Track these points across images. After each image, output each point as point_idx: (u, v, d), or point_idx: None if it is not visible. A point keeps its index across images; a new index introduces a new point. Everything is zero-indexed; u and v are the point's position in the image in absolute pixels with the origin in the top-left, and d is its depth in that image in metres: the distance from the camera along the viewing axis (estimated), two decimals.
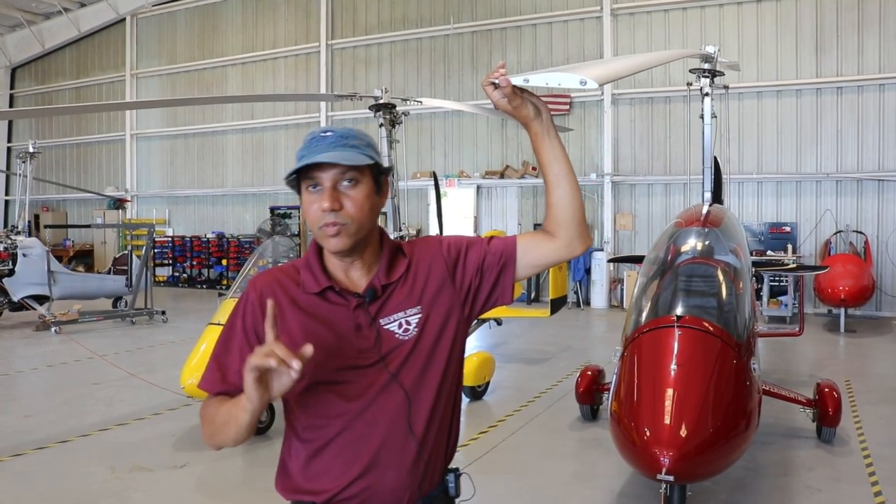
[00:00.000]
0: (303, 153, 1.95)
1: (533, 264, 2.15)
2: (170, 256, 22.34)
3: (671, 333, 4.61)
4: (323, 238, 1.96)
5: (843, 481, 5.73)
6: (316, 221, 1.94)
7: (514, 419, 7.50)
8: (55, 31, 25.23)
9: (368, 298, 2.00)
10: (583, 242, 2.14)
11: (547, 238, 2.12)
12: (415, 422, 2.00)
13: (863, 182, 14.95)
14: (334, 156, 1.90)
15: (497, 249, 2.13)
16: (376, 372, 1.97)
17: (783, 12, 15.45)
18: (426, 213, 18.55)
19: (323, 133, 1.97)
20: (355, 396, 1.96)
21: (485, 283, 2.12)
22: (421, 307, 2.04)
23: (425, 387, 2.02)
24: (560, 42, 17.67)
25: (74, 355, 10.79)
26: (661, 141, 16.67)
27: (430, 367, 2.03)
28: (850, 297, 12.23)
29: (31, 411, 7.96)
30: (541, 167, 2.11)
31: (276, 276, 2.09)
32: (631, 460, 4.24)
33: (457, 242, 2.16)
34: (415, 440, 1.99)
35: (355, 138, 1.97)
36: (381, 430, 1.97)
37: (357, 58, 20.28)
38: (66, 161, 25.86)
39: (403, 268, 2.06)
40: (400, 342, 2.00)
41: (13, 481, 5.84)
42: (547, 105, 2.08)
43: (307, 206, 1.96)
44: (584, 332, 13.79)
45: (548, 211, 2.13)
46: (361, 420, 1.96)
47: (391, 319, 2.01)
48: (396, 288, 2.04)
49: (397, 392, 1.98)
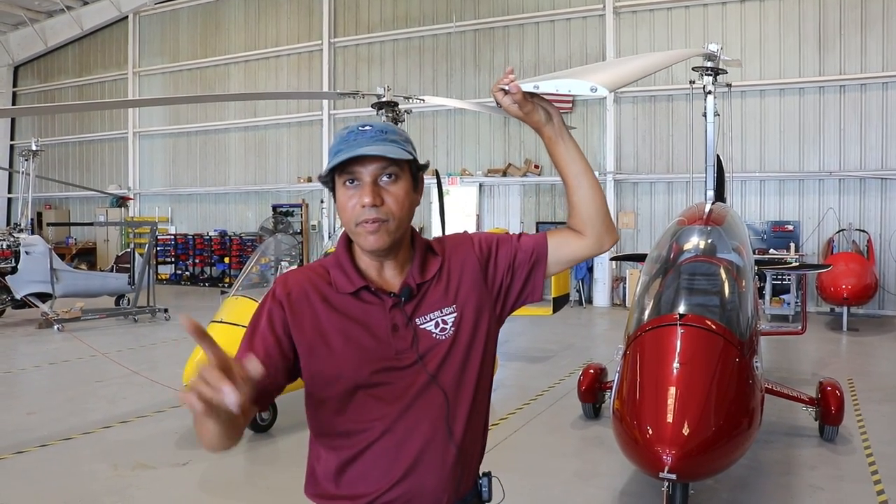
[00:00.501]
0: (339, 147, 1.88)
1: (563, 261, 2.13)
2: (172, 254, 22.37)
3: (674, 332, 4.61)
4: (361, 235, 1.88)
5: (846, 480, 5.72)
6: (353, 218, 1.87)
7: (516, 417, 7.50)
8: (58, 29, 25.25)
9: (405, 298, 1.94)
10: (611, 237, 2.14)
11: (576, 236, 2.11)
12: (454, 423, 1.95)
13: (866, 180, 14.93)
14: (377, 149, 1.83)
15: (528, 247, 2.10)
16: (415, 373, 1.92)
17: (786, 10, 15.42)
18: (428, 212, 18.52)
19: (361, 127, 1.91)
20: (395, 399, 1.90)
21: (516, 281, 2.09)
22: (456, 306, 1.99)
23: (463, 387, 1.98)
24: (563, 40, 17.65)
25: (77, 353, 10.80)
26: (664, 139, 16.65)
27: (467, 367, 1.99)
28: (852, 296, 12.21)
29: (33, 409, 7.97)
30: (559, 169, 2.09)
31: (307, 274, 2.02)
32: (633, 458, 4.24)
33: (487, 239, 2.12)
34: (454, 442, 1.95)
35: (395, 133, 1.92)
36: (421, 433, 1.91)
37: (359, 56, 20.27)
38: (68, 159, 25.88)
39: (437, 266, 2.01)
40: (437, 342, 1.95)
41: (16, 479, 5.84)
42: (558, 109, 2.06)
43: (344, 202, 1.89)
44: (586, 331, 13.78)
45: (571, 211, 2.10)
46: (402, 423, 1.90)
47: (427, 319, 1.96)
48: (431, 287, 1.99)
49: (437, 393, 1.93)
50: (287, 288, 1.97)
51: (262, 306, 1.99)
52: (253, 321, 1.99)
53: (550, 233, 2.14)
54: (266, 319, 1.95)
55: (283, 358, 1.92)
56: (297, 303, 1.95)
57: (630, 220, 17.01)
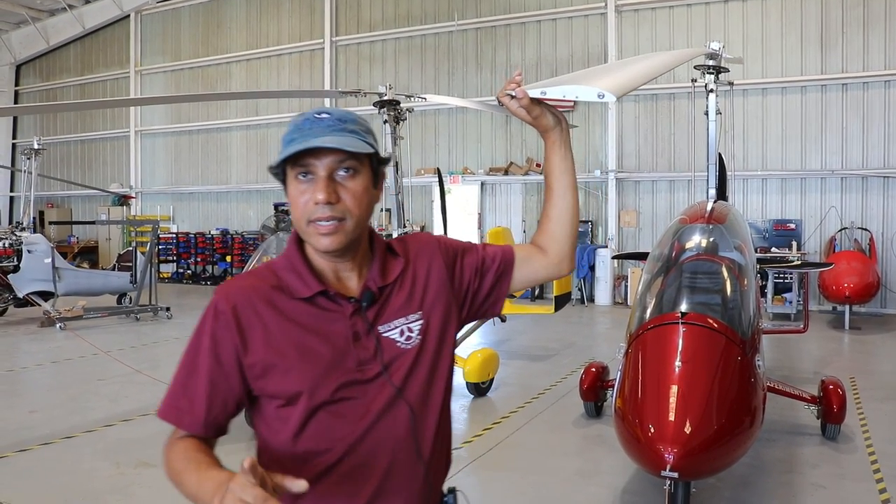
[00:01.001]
0: (293, 136, 1.71)
1: (525, 278, 2.03)
2: (174, 253, 22.39)
3: (675, 330, 4.60)
4: (313, 235, 1.71)
5: (848, 478, 5.71)
6: (305, 215, 1.70)
7: (517, 416, 7.50)
8: (60, 27, 25.27)
9: (366, 303, 1.78)
10: (571, 264, 2.06)
11: (539, 252, 2.04)
12: (421, 440, 1.80)
13: (868, 179, 14.91)
14: (334, 140, 1.66)
15: (494, 255, 2.00)
16: (379, 386, 1.75)
17: (788, 8, 15.40)
18: (430, 210, 18.55)
19: (318, 114, 1.73)
20: (358, 416, 1.73)
21: (484, 285, 1.97)
22: (422, 312, 1.84)
23: (431, 401, 1.83)
24: (564, 39, 17.64)
25: (79, 351, 10.82)
26: (666, 137, 16.64)
27: (434, 379, 1.84)
28: (854, 294, 12.19)
29: (35, 407, 7.99)
30: (549, 177, 2.02)
31: (250, 281, 1.81)
32: (635, 457, 4.24)
33: (453, 243, 2.00)
34: (422, 460, 1.80)
35: (355, 122, 1.75)
36: (387, 453, 1.75)
37: (361, 54, 20.27)
38: (70, 157, 25.90)
39: (399, 268, 1.86)
40: (402, 351, 1.79)
41: (18, 477, 5.85)
42: (564, 116, 2.01)
43: (295, 197, 1.73)
44: (588, 329, 13.78)
45: (545, 224, 2.04)
46: (366, 443, 1.74)
47: (391, 326, 1.80)
48: (394, 291, 1.83)
49: (403, 408, 1.77)
50: (230, 300, 1.75)
51: (202, 327, 1.77)
52: (192, 348, 1.77)
53: (517, 247, 2.05)
54: (208, 346, 1.74)
55: (232, 389, 1.75)
56: (245, 317, 1.74)
57: (632, 219, 17.00)
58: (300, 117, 1.76)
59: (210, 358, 1.74)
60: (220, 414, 1.76)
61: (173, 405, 1.78)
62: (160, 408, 1.80)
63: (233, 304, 1.75)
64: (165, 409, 1.79)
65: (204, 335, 1.75)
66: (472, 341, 10.22)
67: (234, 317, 1.73)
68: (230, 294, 1.77)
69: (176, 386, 1.78)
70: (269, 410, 1.76)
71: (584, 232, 17.31)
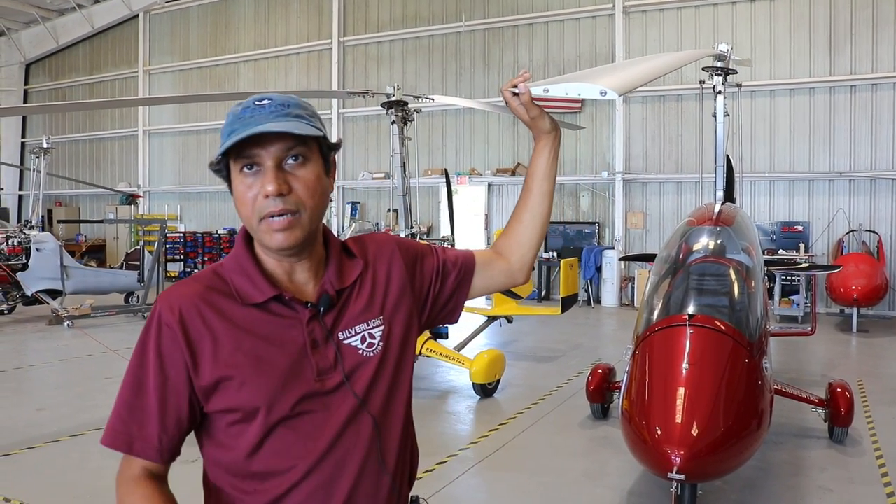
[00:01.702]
0: (234, 127, 1.55)
1: (484, 285, 1.97)
2: (181, 252, 22.40)
3: (683, 332, 4.60)
4: (266, 233, 1.57)
5: (856, 482, 5.70)
6: (256, 212, 1.56)
7: (524, 417, 7.50)
8: (69, 27, 25.39)
9: (324, 308, 1.65)
10: (527, 275, 2.02)
11: (499, 258, 1.99)
12: (387, 453, 1.70)
13: (876, 181, 14.85)
14: (279, 125, 1.52)
15: (455, 259, 1.93)
16: (341, 397, 1.63)
17: (796, 10, 15.35)
18: (437, 211, 18.56)
19: (258, 101, 1.58)
20: (319, 431, 1.61)
21: (444, 291, 1.89)
22: (383, 318, 1.73)
23: (394, 411, 1.73)
24: (572, 40, 17.63)
25: (87, 349, 10.87)
26: (673, 139, 16.61)
27: (396, 388, 1.74)
28: (862, 297, 12.15)
29: (43, 405, 8.03)
30: (530, 179, 2.01)
31: (194, 287, 1.64)
32: (642, 459, 4.24)
33: (412, 243, 1.92)
34: (387, 472, 1.70)
35: (298, 106, 1.61)
36: (352, 468, 1.64)
37: (369, 55, 20.29)
38: (79, 156, 26.01)
39: (357, 271, 1.74)
40: (364, 359, 1.68)
41: (26, 474, 5.89)
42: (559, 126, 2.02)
43: (242, 192, 1.57)
44: (594, 331, 13.76)
45: (515, 227, 2.00)
46: (329, 458, 1.61)
47: (352, 333, 1.68)
48: (352, 295, 1.71)
49: (366, 420, 1.66)
50: (174, 309, 1.60)
51: (146, 342, 1.62)
52: (135, 365, 1.63)
53: (478, 252, 2.00)
54: (154, 362, 1.60)
55: (183, 408, 1.62)
56: (193, 328, 1.60)
57: (639, 221, 16.97)
58: (238, 106, 1.60)
59: (157, 375, 1.59)
60: (174, 436, 1.63)
61: (122, 430, 1.62)
62: (105, 434, 1.63)
63: (178, 314, 1.60)
64: (112, 435, 1.63)
65: (149, 351, 1.61)
66: (478, 342, 10.22)
67: (180, 329, 1.59)
68: (174, 303, 1.61)
69: (121, 408, 1.63)
70: (220, 426, 1.63)
71: (590, 233, 17.31)
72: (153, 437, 1.61)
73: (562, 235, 17.56)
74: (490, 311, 9.83)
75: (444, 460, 6.10)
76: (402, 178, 9.02)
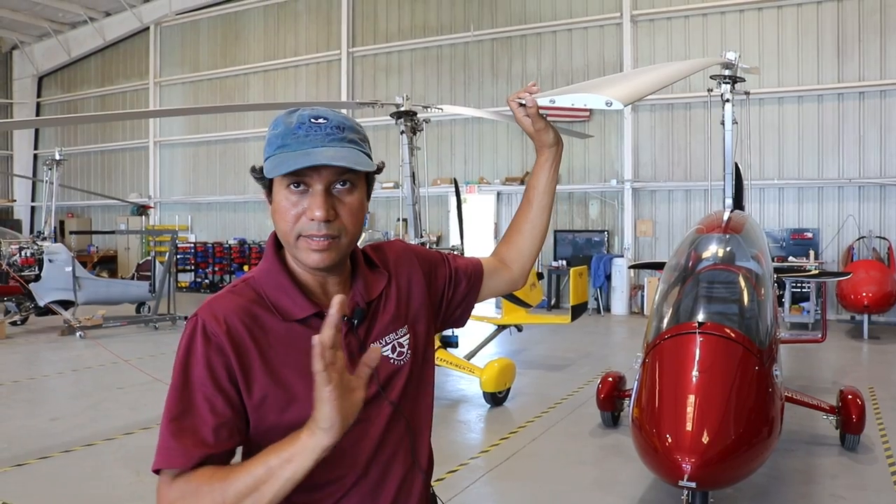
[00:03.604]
0: (286, 141, 1.54)
1: (490, 290, 2.05)
2: (192, 262, 22.53)
3: (693, 340, 4.61)
4: (303, 250, 1.57)
5: (868, 489, 5.68)
6: (296, 229, 1.56)
7: (534, 425, 7.51)
8: (81, 40, 25.63)
9: (357, 320, 1.68)
10: (526, 279, 2.14)
11: (503, 267, 2.10)
12: (419, 452, 1.79)
13: (886, 188, 14.81)
14: (339, 155, 1.53)
15: (466, 266, 2.00)
16: (378, 405, 1.68)
17: (804, 17, 15.37)
18: (446, 220, 18.59)
19: (314, 119, 1.56)
20: (362, 438, 1.65)
21: (456, 297, 1.96)
22: (408, 326, 1.79)
23: (422, 413, 1.82)
24: (580, 49, 17.67)
25: (99, 360, 10.93)
26: (682, 147, 16.61)
27: (422, 391, 1.83)
28: (873, 304, 12.11)
29: (57, 415, 8.09)
30: (530, 191, 2.08)
31: (236, 301, 1.61)
32: (652, 467, 4.25)
33: (426, 252, 1.96)
34: (422, 471, 1.79)
35: (353, 130, 1.60)
36: (396, 472, 1.72)
37: (378, 65, 20.39)
38: (90, 168, 26.20)
39: (383, 282, 1.77)
40: (396, 368, 1.73)
41: (40, 484, 5.93)
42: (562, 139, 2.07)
43: (285, 208, 1.56)
44: (604, 339, 13.75)
45: (514, 238, 2.12)
46: (375, 465, 1.68)
47: (383, 343, 1.71)
48: (381, 306, 1.75)
49: (401, 424, 1.73)
50: (220, 321, 1.56)
51: (190, 355, 1.56)
52: (179, 384, 1.54)
53: (485, 260, 2.09)
54: (204, 372, 1.53)
55: (236, 420, 1.55)
56: (239, 340, 1.56)
57: (648, 228, 16.97)
58: (291, 117, 1.58)
59: (208, 387, 1.52)
60: (228, 445, 1.54)
61: (176, 449, 1.48)
62: (158, 456, 1.49)
63: (224, 326, 1.56)
64: (167, 456, 1.48)
65: (195, 364, 1.54)
66: (488, 351, 10.24)
67: (228, 339, 1.55)
68: (219, 315, 1.57)
69: (171, 430, 1.49)
70: (269, 442, 1.52)
71: (600, 241, 17.31)
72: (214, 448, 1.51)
73: (571, 244, 17.56)
74: (500, 320, 9.84)
75: (456, 469, 6.12)
76: (412, 188, 9.05)
